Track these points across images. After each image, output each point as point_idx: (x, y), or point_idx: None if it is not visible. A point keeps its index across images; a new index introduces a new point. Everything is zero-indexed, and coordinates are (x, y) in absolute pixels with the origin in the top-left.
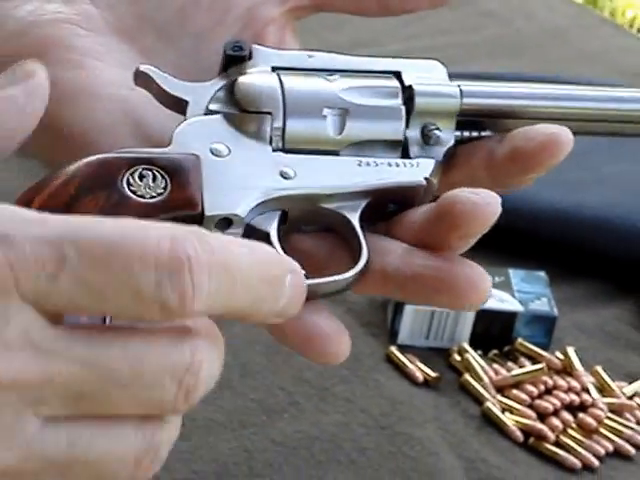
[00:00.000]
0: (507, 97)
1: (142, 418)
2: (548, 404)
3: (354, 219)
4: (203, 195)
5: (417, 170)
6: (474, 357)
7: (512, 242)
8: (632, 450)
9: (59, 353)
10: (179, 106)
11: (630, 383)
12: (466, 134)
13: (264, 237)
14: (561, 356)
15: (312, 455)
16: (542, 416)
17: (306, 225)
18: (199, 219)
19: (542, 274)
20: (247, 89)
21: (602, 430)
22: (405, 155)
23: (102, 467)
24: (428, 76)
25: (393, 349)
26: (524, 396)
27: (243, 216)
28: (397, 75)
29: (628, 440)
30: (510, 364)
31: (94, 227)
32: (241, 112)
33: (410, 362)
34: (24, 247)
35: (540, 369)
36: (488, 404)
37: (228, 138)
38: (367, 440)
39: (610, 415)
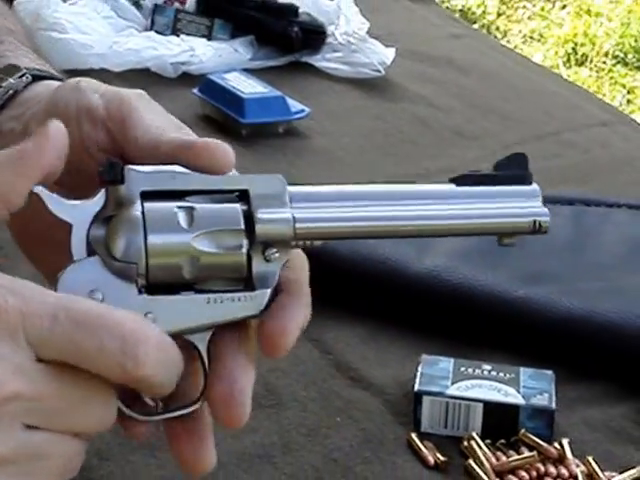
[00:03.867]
0: (341, 221)
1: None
2: None
3: (202, 348)
4: None
5: (255, 303)
6: (479, 444)
7: (532, 344)
8: None
9: (44, 381)
10: (65, 225)
11: (621, 473)
12: (300, 243)
13: None
14: (558, 447)
15: None
16: None
17: None
18: None
19: (549, 372)
20: (118, 243)
21: None
22: (249, 281)
23: (55, 465)
24: (270, 198)
25: (413, 435)
26: None
27: None
28: (244, 194)
29: None
30: (512, 452)
31: (80, 302)
32: (112, 258)
33: (425, 447)
34: (33, 305)
35: (532, 456)
36: None
37: (102, 282)
38: None
39: None
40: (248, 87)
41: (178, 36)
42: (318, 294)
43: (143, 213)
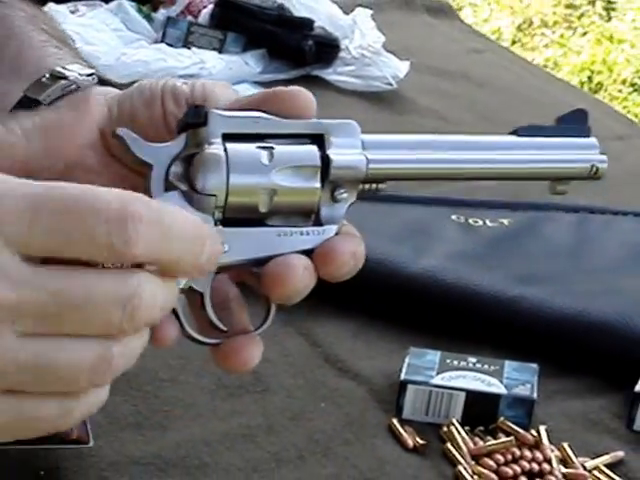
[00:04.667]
0: (411, 162)
1: (96, 336)
2: (509, 469)
3: None
4: None
5: (322, 238)
6: (458, 429)
7: (521, 341)
8: None
9: (29, 282)
10: (145, 166)
11: (593, 459)
12: (367, 187)
13: (200, 296)
14: (535, 433)
15: None
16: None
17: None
18: None
19: (534, 365)
20: (200, 176)
21: None
22: (317, 218)
23: (63, 373)
24: (344, 142)
25: (394, 421)
26: (492, 463)
27: (181, 287)
28: (320, 138)
29: None
30: (489, 438)
31: (60, 189)
32: (193, 190)
33: (406, 432)
34: (8, 202)
35: (509, 441)
36: (460, 467)
37: None
38: None
39: None
40: None
41: (189, 49)
42: (312, 291)
43: (226, 151)
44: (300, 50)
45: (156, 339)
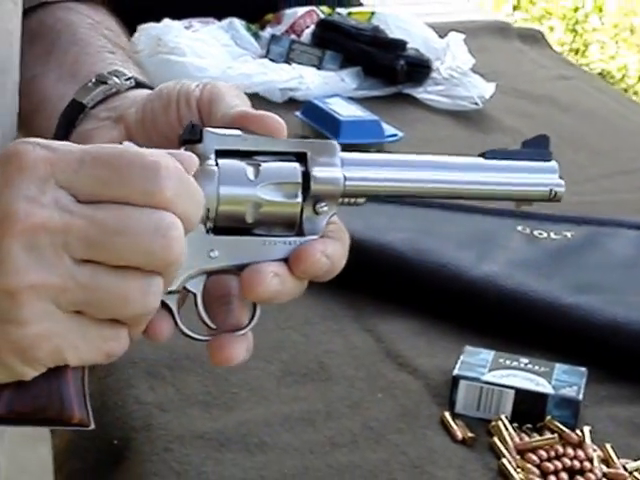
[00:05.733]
0: (384, 181)
1: (140, 272)
2: (551, 465)
3: None
4: None
5: None
6: (505, 424)
7: (572, 346)
8: None
9: (76, 212)
10: None
11: (635, 460)
12: (346, 200)
13: (193, 296)
14: (580, 433)
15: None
16: (545, 474)
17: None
18: None
19: (583, 369)
20: None
21: None
22: (299, 229)
23: (113, 299)
24: (324, 160)
25: (447, 414)
26: (535, 458)
27: (176, 289)
28: (303, 156)
29: None
30: (536, 435)
31: (103, 147)
32: None
33: (456, 425)
34: (60, 153)
35: (552, 438)
36: (504, 460)
37: None
38: (399, 474)
39: None
40: (347, 111)
41: (290, 64)
42: (379, 290)
43: (217, 167)
44: (392, 69)
45: (151, 333)
